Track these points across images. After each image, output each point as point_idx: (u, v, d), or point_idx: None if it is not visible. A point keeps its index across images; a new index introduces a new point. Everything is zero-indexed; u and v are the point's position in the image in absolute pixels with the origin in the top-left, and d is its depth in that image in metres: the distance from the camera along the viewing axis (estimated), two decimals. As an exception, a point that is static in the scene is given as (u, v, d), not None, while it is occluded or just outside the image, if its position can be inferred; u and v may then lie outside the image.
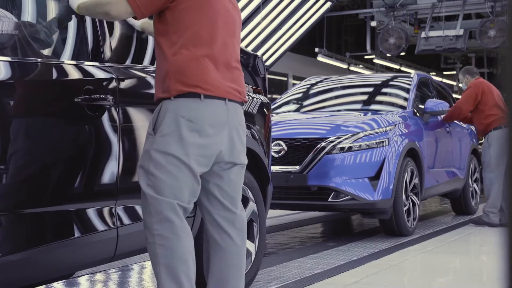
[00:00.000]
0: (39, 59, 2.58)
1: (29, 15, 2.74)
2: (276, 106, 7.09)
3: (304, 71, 16.75)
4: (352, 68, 18.38)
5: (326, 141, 5.57)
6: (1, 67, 2.35)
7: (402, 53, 14.66)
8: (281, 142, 5.66)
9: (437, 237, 5.99)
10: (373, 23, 15.04)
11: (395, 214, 5.74)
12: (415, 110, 6.65)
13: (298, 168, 5.54)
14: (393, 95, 7.04)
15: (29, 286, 2.75)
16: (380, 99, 7.05)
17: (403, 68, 19.55)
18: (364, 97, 7.06)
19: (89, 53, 2.86)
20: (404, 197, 5.82)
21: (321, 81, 7.54)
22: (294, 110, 6.98)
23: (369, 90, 7.17)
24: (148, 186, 2.57)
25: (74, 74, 2.72)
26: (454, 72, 21.99)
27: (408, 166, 5.92)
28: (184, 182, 2.57)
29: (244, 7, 11.88)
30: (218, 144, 2.63)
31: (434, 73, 22.47)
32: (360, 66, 19.05)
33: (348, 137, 5.61)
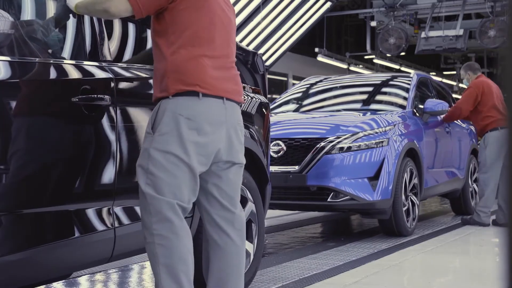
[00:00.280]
0: (36, 59, 2.57)
1: (26, 15, 2.73)
2: (275, 106, 7.08)
3: (304, 71, 16.74)
4: (352, 68, 18.36)
5: (326, 141, 5.56)
6: (-2, 67, 2.34)
7: (402, 53, 14.65)
8: (280, 142, 5.65)
9: (437, 237, 5.98)
10: (373, 23, 15.04)
11: (395, 214, 5.73)
12: (415, 110, 6.63)
13: (297, 168, 5.53)
14: (393, 95, 7.03)
15: (26, 287, 2.74)
16: (380, 99, 7.04)
17: (403, 68, 19.53)
18: (364, 97, 7.05)
19: (87, 53, 2.85)
20: (404, 197, 5.81)
21: (321, 81, 7.53)
22: (294, 110, 6.97)
23: (369, 90, 7.16)
24: (147, 185, 2.56)
25: (71, 74, 2.71)
26: (454, 72, 21.99)
27: (408, 166, 5.91)
28: (184, 181, 2.57)
29: (244, 7, 11.87)
30: (217, 143, 2.63)
31: (434, 73, 22.45)
32: (360, 66, 19.03)
33: (348, 137, 5.59)
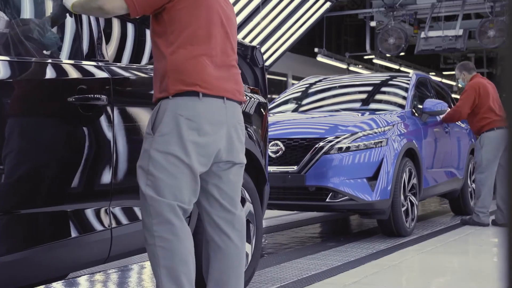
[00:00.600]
0: (32, 58, 2.55)
1: (22, 14, 2.71)
2: (274, 106, 7.07)
3: (304, 71, 16.72)
4: (352, 68, 18.36)
5: (324, 141, 5.55)
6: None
7: (402, 53, 14.64)
8: (279, 142, 5.63)
9: (436, 237, 5.97)
10: (373, 23, 15.03)
11: (393, 215, 5.71)
12: (414, 110, 6.62)
13: (296, 168, 5.51)
14: (392, 95, 7.02)
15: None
16: (379, 99, 7.03)
17: (403, 68, 19.53)
18: (363, 97, 7.04)
19: (83, 52, 2.84)
20: (402, 198, 5.80)
21: (320, 81, 7.51)
22: (292, 110, 6.96)
23: (368, 90, 7.14)
24: (148, 187, 2.55)
25: (68, 73, 2.70)
26: (454, 72, 21.96)
27: (407, 166, 5.90)
28: (184, 182, 2.56)
29: (244, 7, 11.86)
30: (217, 143, 2.61)
31: (434, 73, 22.45)
32: (360, 66, 19.02)
33: (346, 137, 5.58)
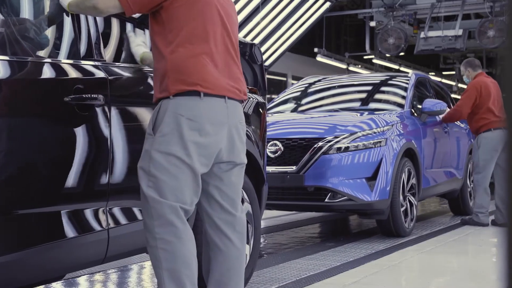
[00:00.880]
0: (29, 58, 2.54)
1: (18, 13, 2.70)
2: (273, 106, 7.06)
3: (303, 71, 16.70)
4: (351, 68, 18.33)
5: (323, 141, 5.53)
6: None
7: (401, 53, 14.62)
8: (278, 142, 5.62)
9: (436, 238, 5.96)
10: (372, 23, 15.01)
11: (392, 215, 5.70)
12: (413, 110, 6.61)
13: (295, 169, 5.50)
14: (391, 95, 7.01)
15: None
16: (378, 99, 7.01)
17: (402, 68, 19.50)
18: (362, 97, 7.03)
19: (81, 52, 2.83)
20: (402, 198, 5.79)
21: (319, 81, 7.50)
22: (291, 110, 6.94)
23: (367, 90, 7.13)
24: (149, 188, 2.53)
25: (64, 73, 2.68)
26: (453, 72, 21.96)
27: (406, 166, 5.89)
28: (186, 183, 2.54)
29: (244, 7, 11.84)
30: (218, 143, 2.60)
31: (433, 73, 22.42)
32: (359, 66, 19.00)
33: (345, 137, 5.57)
